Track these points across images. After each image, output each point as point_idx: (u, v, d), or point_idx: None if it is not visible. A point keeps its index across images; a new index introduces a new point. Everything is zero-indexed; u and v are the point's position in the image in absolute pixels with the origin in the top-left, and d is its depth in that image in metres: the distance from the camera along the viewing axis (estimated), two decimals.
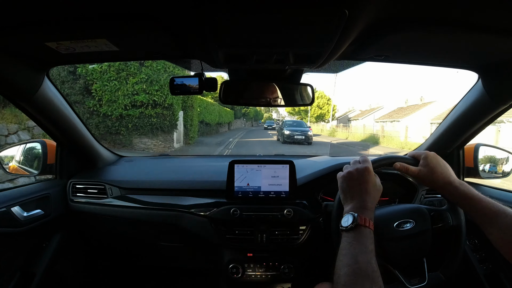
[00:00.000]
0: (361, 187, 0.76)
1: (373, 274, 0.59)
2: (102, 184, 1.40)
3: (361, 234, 0.67)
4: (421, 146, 1.50)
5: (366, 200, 0.74)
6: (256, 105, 1.19)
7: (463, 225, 0.88)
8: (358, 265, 0.60)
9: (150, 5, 0.63)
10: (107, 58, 1.08)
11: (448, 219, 0.89)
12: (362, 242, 0.65)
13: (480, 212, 0.71)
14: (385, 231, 0.87)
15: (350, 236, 0.67)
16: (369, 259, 0.62)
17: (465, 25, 0.68)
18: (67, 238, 1.40)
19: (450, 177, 0.79)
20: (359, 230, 0.67)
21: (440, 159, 0.82)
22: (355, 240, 0.66)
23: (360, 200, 0.74)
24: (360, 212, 0.70)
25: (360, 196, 0.75)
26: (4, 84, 0.97)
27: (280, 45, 0.79)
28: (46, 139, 1.41)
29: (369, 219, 0.70)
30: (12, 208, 1.11)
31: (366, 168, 0.78)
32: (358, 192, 0.76)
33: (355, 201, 0.75)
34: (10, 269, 1.15)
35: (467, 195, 0.74)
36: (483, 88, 1.03)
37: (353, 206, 0.74)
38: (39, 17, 0.66)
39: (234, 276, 1.30)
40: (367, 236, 0.67)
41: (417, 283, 0.85)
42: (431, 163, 0.81)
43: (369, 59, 0.97)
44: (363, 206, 0.73)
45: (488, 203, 0.71)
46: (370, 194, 0.75)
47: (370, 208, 0.73)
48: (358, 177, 0.77)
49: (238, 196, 1.29)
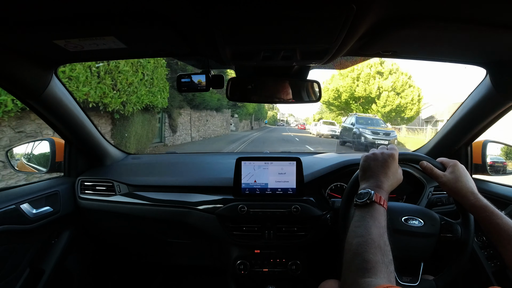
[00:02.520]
0: (382, 169, 0.76)
1: (385, 247, 0.60)
2: (110, 182, 1.41)
3: (375, 211, 0.67)
4: (428, 143, 1.49)
5: (383, 181, 0.74)
6: (263, 102, 1.19)
7: (470, 242, 0.87)
8: (371, 236, 0.61)
9: (157, 3, 0.63)
10: (115, 55, 1.08)
11: (458, 232, 0.88)
12: (376, 217, 0.66)
13: (498, 228, 0.71)
14: (392, 221, 0.88)
15: (364, 211, 0.68)
16: (382, 233, 0.62)
17: (473, 22, 0.68)
18: (75, 235, 1.42)
19: (474, 188, 0.79)
20: (374, 207, 0.68)
21: (466, 172, 0.83)
22: (369, 215, 0.66)
23: (378, 180, 0.74)
24: (376, 191, 0.71)
25: (378, 177, 0.75)
26: (13, 83, 0.97)
27: (287, 41, 0.79)
28: (55, 137, 1.43)
29: (384, 199, 0.70)
30: (21, 205, 1.12)
31: (392, 155, 0.79)
32: (378, 173, 0.76)
33: (372, 180, 0.75)
34: (20, 265, 1.17)
35: (488, 209, 0.74)
36: (491, 84, 1.02)
37: (369, 184, 0.74)
38: (47, 15, 0.67)
39: (242, 272, 1.30)
40: (381, 213, 0.67)
41: (408, 281, 0.85)
42: (457, 172, 0.82)
43: (377, 54, 0.96)
44: (380, 186, 0.73)
45: (508, 221, 0.71)
46: (389, 178, 0.76)
47: (386, 190, 0.73)
48: (382, 160, 0.78)
49: (245, 193, 1.29)
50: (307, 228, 1.28)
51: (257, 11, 0.61)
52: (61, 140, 1.40)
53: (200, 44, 0.86)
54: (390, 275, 0.54)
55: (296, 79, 1.13)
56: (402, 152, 0.89)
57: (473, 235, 0.88)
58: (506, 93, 1.01)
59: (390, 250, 0.60)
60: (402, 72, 23.34)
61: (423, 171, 0.87)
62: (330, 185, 1.42)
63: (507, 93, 1.01)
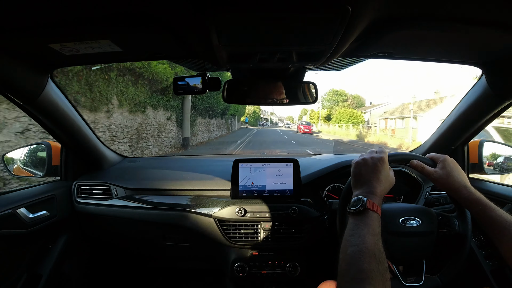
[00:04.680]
0: (373, 175, 0.76)
1: (380, 255, 0.59)
2: (107, 185, 1.40)
3: (369, 218, 0.67)
4: (425, 143, 1.50)
5: (375, 187, 0.74)
6: (260, 104, 1.19)
7: (469, 234, 0.88)
8: (366, 245, 0.60)
9: (153, 6, 0.63)
10: (110, 59, 1.08)
11: (455, 225, 0.89)
12: (370, 225, 0.65)
13: (492, 221, 0.71)
14: (390, 224, 0.88)
15: (358, 219, 0.67)
16: (376, 241, 0.62)
17: (469, 22, 0.68)
18: (73, 239, 1.41)
19: (466, 182, 0.80)
20: (367, 214, 0.67)
21: (457, 165, 0.83)
22: (363, 223, 0.66)
23: (370, 185, 0.74)
24: (369, 197, 0.71)
25: (370, 182, 0.75)
26: (9, 87, 0.97)
27: (283, 43, 0.79)
28: (51, 141, 1.42)
29: (378, 204, 0.70)
30: (18, 209, 1.12)
31: (382, 158, 0.79)
32: (370, 178, 0.76)
33: (365, 186, 0.75)
34: (17, 270, 1.16)
35: (481, 202, 0.75)
36: (487, 83, 1.03)
37: (362, 190, 0.74)
38: (43, 19, 0.67)
39: (240, 275, 1.30)
40: (375, 220, 0.67)
41: (412, 282, 0.85)
42: (448, 167, 0.82)
43: (373, 56, 0.96)
44: (373, 191, 0.73)
45: (501, 213, 0.71)
46: (381, 182, 0.75)
47: (379, 195, 0.73)
48: (372, 165, 0.78)
49: (242, 195, 1.29)
50: (305, 229, 1.28)
51: (252, 14, 0.61)
52: (58, 143, 1.39)
53: (196, 46, 0.85)
54: (385, 283, 0.55)
55: (292, 80, 1.13)
56: (392, 153, 0.90)
57: (471, 227, 0.88)
58: (502, 93, 1.02)
59: (385, 257, 0.60)
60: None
61: (415, 170, 0.87)
62: (328, 186, 1.42)
63: (503, 92, 1.01)
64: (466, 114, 1.19)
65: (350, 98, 49.14)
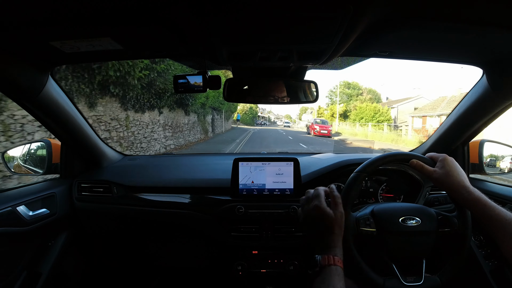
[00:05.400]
0: (317, 228, 0.77)
1: None
2: (107, 183, 1.40)
3: (328, 274, 0.67)
4: (425, 143, 1.49)
5: (326, 237, 0.74)
6: (261, 103, 1.19)
7: (469, 233, 0.88)
8: None
9: (154, 4, 0.63)
10: (111, 57, 1.07)
11: (455, 225, 0.89)
12: (330, 283, 0.66)
13: (493, 219, 0.71)
14: (389, 224, 0.88)
15: (317, 281, 0.68)
16: None
17: (469, 22, 0.68)
18: (72, 237, 1.41)
19: (465, 182, 0.79)
20: (326, 271, 0.68)
21: (457, 164, 0.83)
22: (322, 283, 0.66)
23: (321, 241, 0.75)
24: (325, 252, 0.71)
25: (320, 237, 0.76)
26: (9, 85, 0.97)
27: (284, 42, 0.79)
28: (51, 139, 1.42)
29: (334, 255, 0.70)
30: (18, 207, 1.12)
31: (315, 207, 0.79)
32: (317, 234, 0.76)
33: (318, 242, 0.76)
34: (17, 268, 1.16)
35: (481, 201, 0.75)
36: (487, 83, 1.03)
37: (318, 247, 0.75)
38: (43, 16, 0.66)
39: (240, 273, 1.30)
40: (334, 274, 0.67)
41: (412, 281, 0.85)
42: (447, 166, 0.81)
43: (374, 55, 0.96)
44: (328, 244, 0.73)
45: (501, 211, 0.71)
46: (329, 229, 0.75)
47: (335, 244, 0.73)
48: (311, 220, 0.78)
49: (242, 194, 1.29)
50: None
51: (254, 12, 0.61)
52: (58, 141, 1.39)
53: (197, 45, 0.85)
54: None
55: (293, 79, 1.13)
56: (392, 153, 0.90)
57: (471, 227, 0.88)
58: (502, 92, 1.01)
59: None
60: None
61: (415, 169, 0.87)
62: (328, 185, 1.42)
63: (503, 92, 1.01)
64: (466, 114, 1.19)
65: (365, 92, 41.89)
